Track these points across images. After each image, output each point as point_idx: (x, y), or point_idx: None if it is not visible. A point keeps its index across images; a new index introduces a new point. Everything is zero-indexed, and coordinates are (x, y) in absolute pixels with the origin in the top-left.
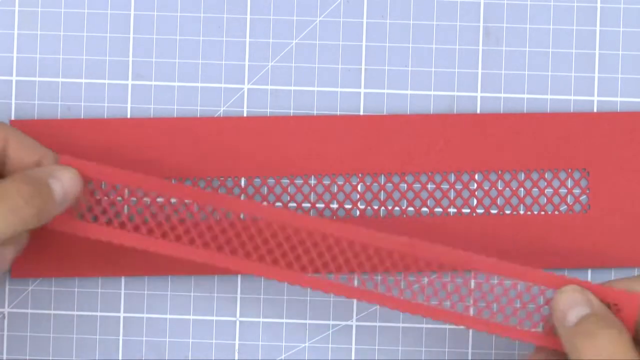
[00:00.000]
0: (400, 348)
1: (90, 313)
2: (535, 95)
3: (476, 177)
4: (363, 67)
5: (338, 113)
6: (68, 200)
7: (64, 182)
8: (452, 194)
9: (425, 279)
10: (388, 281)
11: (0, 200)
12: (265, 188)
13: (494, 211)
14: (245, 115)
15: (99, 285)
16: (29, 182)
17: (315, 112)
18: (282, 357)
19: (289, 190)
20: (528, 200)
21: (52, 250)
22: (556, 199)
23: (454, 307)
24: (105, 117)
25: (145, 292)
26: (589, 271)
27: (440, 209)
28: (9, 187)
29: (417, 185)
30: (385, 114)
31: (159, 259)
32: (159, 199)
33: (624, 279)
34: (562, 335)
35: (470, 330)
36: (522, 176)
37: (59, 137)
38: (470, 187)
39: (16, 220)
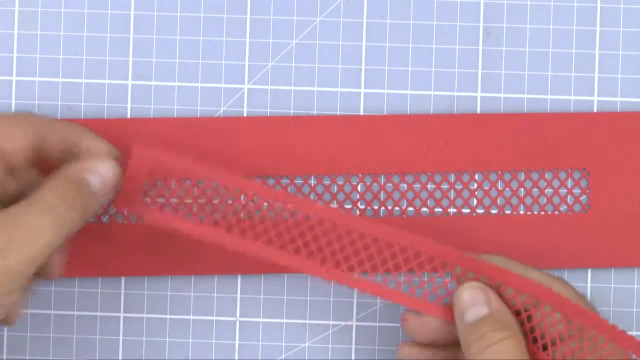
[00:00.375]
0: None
1: (90, 313)
2: (535, 95)
3: (476, 177)
4: (363, 67)
5: (338, 113)
6: (108, 192)
7: (103, 174)
8: (452, 194)
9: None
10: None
11: (45, 213)
12: None
13: (494, 211)
14: (245, 115)
15: (99, 285)
16: (69, 184)
17: (315, 112)
18: (282, 357)
19: (288, 191)
20: (528, 200)
21: None
22: (556, 199)
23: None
24: (105, 117)
25: (145, 292)
26: (589, 271)
27: (440, 209)
28: (48, 197)
29: (417, 185)
30: (385, 114)
31: (158, 259)
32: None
33: (541, 273)
34: (459, 330)
35: None
36: (522, 176)
37: None
38: (470, 187)
39: (63, 227)
